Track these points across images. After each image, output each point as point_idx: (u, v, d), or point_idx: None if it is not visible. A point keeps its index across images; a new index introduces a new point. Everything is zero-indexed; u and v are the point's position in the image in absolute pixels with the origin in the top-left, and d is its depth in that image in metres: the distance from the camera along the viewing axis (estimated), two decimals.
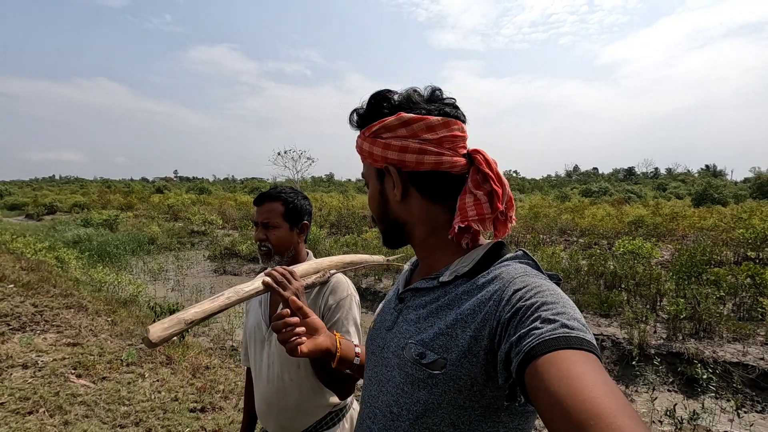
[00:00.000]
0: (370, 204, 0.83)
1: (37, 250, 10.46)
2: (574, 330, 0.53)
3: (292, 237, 1.44)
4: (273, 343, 1.38)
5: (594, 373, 0.47)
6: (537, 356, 0.51)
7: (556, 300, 0.58)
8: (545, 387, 0.48)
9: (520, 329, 0.56)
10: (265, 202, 1.43)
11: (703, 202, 26.34)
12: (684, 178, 56.97)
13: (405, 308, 0.77)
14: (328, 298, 1.35)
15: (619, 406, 0.43)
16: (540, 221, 15.89)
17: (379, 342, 0.80)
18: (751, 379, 5.68)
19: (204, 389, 3.53)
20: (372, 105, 0.78)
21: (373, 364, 0.80)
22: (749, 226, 10.86)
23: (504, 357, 0.58)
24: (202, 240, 17.29)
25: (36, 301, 5.48)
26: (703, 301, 6.80)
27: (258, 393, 1.43)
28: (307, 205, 1.50)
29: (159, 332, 0.88)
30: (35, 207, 30.66)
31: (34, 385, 3.19)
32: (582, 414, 0.43)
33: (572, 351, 0.50)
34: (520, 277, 0.65)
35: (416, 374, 0.68)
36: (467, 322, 0.65)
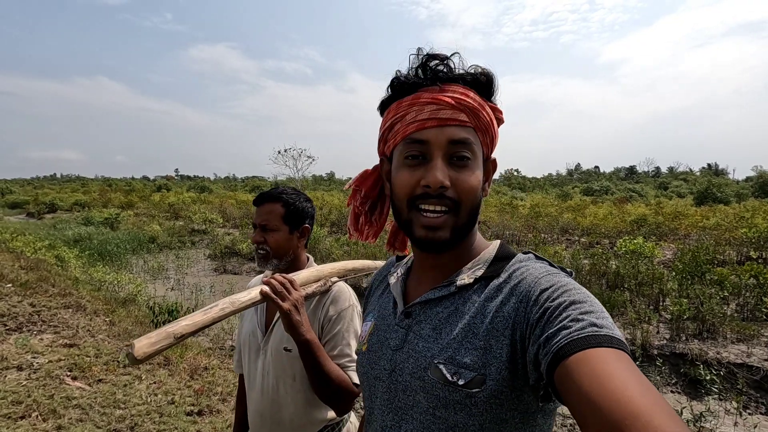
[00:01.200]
0: (472, 188, 0.67)
1: (36, 248, 10.43)
2: (604, 328, 0.51)
3: (291, 241, 1.36)
4: (269, 352, 1.32)
5: (626, 370, 0.46)
6: (567, 356, 0.50)
7: (584, 299, 0.56)
8: (577, 387, 0.46)
9: (548, 329, 0.54)
10: (265, 203, 1.36)
11: (705, 201, 26.26)
12: (686, 177, 56.81)
13: (415, 323, 0.70)
14: (329, 309, 1.28)
15: (655, 403, 0.42)
16: (541, 220, 15.83)
17: (384, 365, 0.72)
18: (755, 380, 5.62)
19: (201, 391, 3.48)
20: (491, 80, 0.70)
21: (382, 391, 0.71)
22: (752, 225, 10.80)
23: (533, 358, 0.56)
24: (202, 239, 17.27)
25: (34, 300, 5.44)
26: (707, 302, 6.74)
27: (251, 404, 1.37)
28: (310, 207, 1.42)
29: (145, 348, 0.82)
30: (36, 205, 30.69)
31: (28, 387, 3.14)
32: (616, 414, 0.42)
33: (603, 349, 0.49)
34: (545, 276, 0.62)
35: (450, 397, 0.62)
36: (499, 331, 0.61)
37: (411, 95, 0.68)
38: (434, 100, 0.66)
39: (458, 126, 0.66)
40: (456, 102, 0.66)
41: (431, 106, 0.66)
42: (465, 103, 0.66)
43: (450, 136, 0.65)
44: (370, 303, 0.88)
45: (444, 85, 0.67)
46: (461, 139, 0.66)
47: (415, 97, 0.67)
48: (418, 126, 0.66)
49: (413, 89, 0.68)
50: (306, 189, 35.87)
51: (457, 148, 0.66)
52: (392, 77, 0.70)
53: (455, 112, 0.65)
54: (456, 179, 0.65)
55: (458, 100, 0.66)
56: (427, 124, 0.66)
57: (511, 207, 18.16)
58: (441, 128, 0.66)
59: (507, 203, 19.68)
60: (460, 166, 0.66)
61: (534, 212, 16.77)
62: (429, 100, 0.66)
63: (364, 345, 0.78)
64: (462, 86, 0.67)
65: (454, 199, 0.65)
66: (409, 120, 0.67)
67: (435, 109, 0.66)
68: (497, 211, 17.26)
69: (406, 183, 0.68)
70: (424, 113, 0.66)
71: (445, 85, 0.67)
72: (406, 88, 0.69)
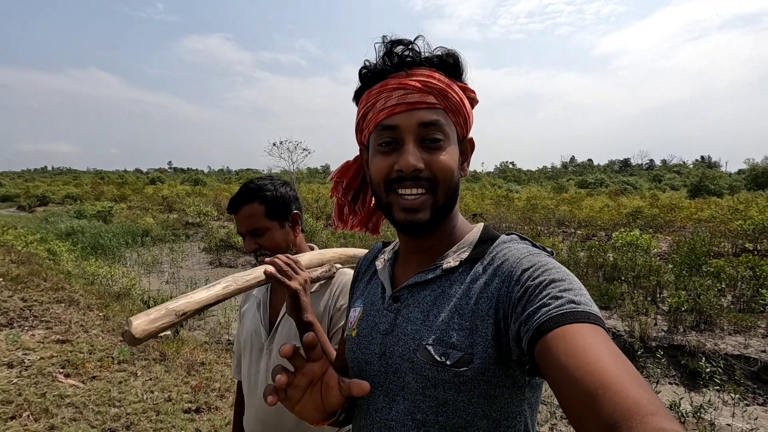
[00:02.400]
0: (448, 167, 0.67)
1: (28, 242, 10.27)
2: (581, 305, 0.53)
3: (287, 234, 1.26)
4: (274, 352, 1.23)
5: (602, 344, 0.48)
6: (546, 332, 0.51)
7: (563, 277, 0.58)
8: (554, 361, 0.48)
9: (529, 307, 0.56)
10: (241, 207, 1.23)
11: (699, 194, 26.45)
12: (679, 170, 57.23)
13: (404, 307, 0.71)
14: (338, 298, 1.21)
15: (627, 374, 0.43)
16: (538, 213, 15.84)
17: (374, 349, 0.72)
18: (753, 371, 5.65)
19: (199, 388, 3.41)
20: (458, 60, 0.71)
21: (372, 374, 0.72)
22: (747, 217, 10.85)
23: (515, 335, 0.58)
24: (197, 232, 17.11)
25: (25, 295, 5.33)
26: (704, 293, 6.75)
27: (251, 410, 1.27)
28: (289, 190, 1.30)
29: (144, 325, 0.72)
30: (27, 198, 30.29)
31: (19, 385, 3.05)
32: (590, 384, 0.43)
33: (579, 324, 0.50)
34: (526, 257, 0.64)
35: (439, 376, 0.63)
36: (484, 311, 0.63)
37: (379, 83, 0.69)
38: (401, 85, 0.66)
39: (427, 109, 0.66)
40: (423, 85, 0.66)
41: (399, 91, 0.66)
42: (432, 85, 0.67)
43: (419, 119, 0.66)
44: (357, 289, 0.87)
45: (411, 69, 0.67)
46: (431, 121, 0.66)
47: (383, 84, 0.68)
48: (388, 112, 0.67)
49: (382, 77, 0.69)
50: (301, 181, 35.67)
51: (428, 131, 0.66)
52: (360, 67, 0.71)
53: (423, 95, 0.66)
54: (430, 161, 0.66)
55: (424, 82, 0.66)
56: (396, 110, 0.66)
57: (507, 200, 18.17)
58: (410, 112, 0.66)
59: (503, 196, 19.68)
60: (433, 148, 0.67)
61: (530, 205, 16.78)
62: (396, 85, 0.67)
63: (354, 330, 0.78)
64: (428, 69, 0.68)
65: (430, 178, 0.66)
66: (379, 107, 0.68)
67: (402, 94, 0.66)
68: (493, 204, 17.25)
69: (381, 169, 0.68)
70: (392, 99, 0.66)
71: (412, 70, 0.67)
72: (375, 76, 0.70)
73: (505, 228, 15.19)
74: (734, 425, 4.62)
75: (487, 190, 31.59)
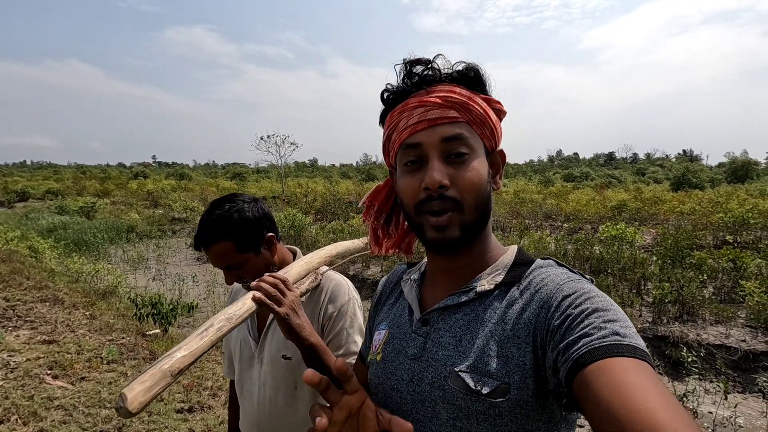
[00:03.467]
0: (473, 183, 0.65)
1: (8, 239, 10.02)
2: (626, 338, 0.50)
3: (265, 259, 1.19)
4: (265, 361, 1.22)
5: (648, 381, 0.45)
6: (587, 364, 0.49)
7: (608, 307, 0.55)
8: (596, 396, 0.45)
9: (568, 336, 0.54)
10: (210, 247, 1.14)
11: (681, 187, 26.95)
12: (662, 163, 58.31)
13: (434, 331, 0.68)
14: (327, 307, 1.18)
15: (677, 416, 0.41)
16: (525, 206, 15.99)
17: (402, 375, 0.69)
18: (733, 360, 5.83)
19: (191, 387, 3.38)
20: (479, 73, 0.70)
21: (397, 402, 0.68)
22: (727, 210, 11.11)
23: (552, 364, 0.55)
24: (183, 227, 16.90)
25: (8, 294, 5.21)
26: (687, 285, 6.92)
27: (246, 416, 1.26)
28: (258, 211, 1.18)
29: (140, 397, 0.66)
30: (6, 194, 29.47)
31: (6, 389, 2.99)
32: (637, 425, 0.41)
33: (624, 359, 0.48)
34: (567, 283, 0.61)
35: (473, 406, 0.60)
36: (521, 338, 0.60)
37: (401, 103, 0.69)
38: (421, 103, 0.66)
39: (450, 123, 0.66)
40: (443, 100, 0.66)
41: (419, 109, 0.66)
42: (452, 99, 0.66)
43: (442, 135, 0.65)
44: (381, 311, 0.84)
45: (431, 87, 0.67)
46: (454, 135, 0.65)
47: (404, 105, 0.68)
48: (410, 131, 0.67)
49: (403, 97, 0.69)
50: (289, 176, 35.37)
51: (451, 146, 0.65)
52: (382, 90, 0.72)
53: (444, 110, 0.66)
54: (455, 176, 0.65)
55: (444, 97, 0.66)
56: (418, 128, 0.66)
57: (495, 193, 18.24)
58: (432, 129, 0.66)
59: None
60: (458, 163, 0.66)
61: (518, 198, 16.93)
62: (416, 104, 0.67)
63: (379, 354, 0.76)
64: (448, 84, 0.67)
65: (456, 198, 0.65)
66: (401, 127, 0.68)
67: (423, 111, 0.66)
68: None
69: (409, 189, 0.68)
70: (413, 117, 0.66)
71: (432, 87, 0.67)
72: (397, 97, 0.70)
73: (493, 222, 15.30)
74: (716, 413, 4.77)
75: None
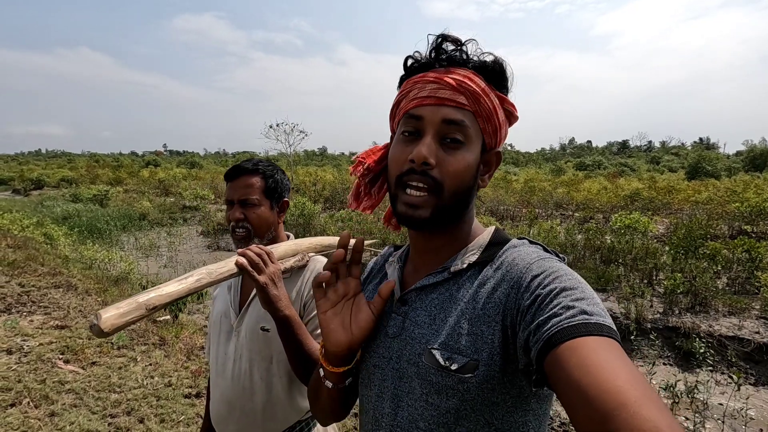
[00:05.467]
0: (461, 171, 0.66)
1: (24, 226, 10.20)
2: (594, 315, 0.51)
3: (273, 217, 1.29)
4: (242, 334, 1.22)
5: (617, 360, 0.46)
6: (557, 344, 0.50)
7: (575, 285, 0.56)
8: (566, 376, 0.46)
9: (538, 316, 0.54)
10: (241, 176, 1.26)
11: (697, 176, 26.39)
12: (677, 152, 57.04)
13: (411, 310, 0.70)
14: (311, 285, 1.20)
15: (644, 395, 0.42)
16: (535, 195, 15.81)
17: (383, 352, 0.72)
18: (746, 352, 5.73)
19: (199, 373, 3.43)
20: (503, 69, 0.70)
21: (379, 378, 0.72)
22: (744, 199, 10.85)
23: (523, 344, 0.56)
24: (194, 215, 17.05)
25: (22, 280, 5.32)
26: (700, 276, 6.80)
27: (217, 392, 1.26)
28: (287, 180, 1.35)
29: (113, 319, 0.71)
30: (22, 182, 30.04)
31: (19, 372, 3.06)
32: (606, 404, 0.42)
33: (593, 338, 0.49)
34: (536, 262, 0.62)
35: (443, 382, 0.62)
36: (491, 317, 0.62)
37: (420, 74, 0.69)
38: (436, 80, 0.66)
39: (455, 107, 0.66)
40: (457, 84, 0.66)
41: (433, 85, 0.67)
42: (466, 86, 0.66)
43: (444, 116, 0.66)
44: (367, 291, 0.86)
45: (453, 67, 0.67)
46: (455, 120, 0.66)
47: (422, 76, 0.68)
48: (417, 102, 0.67)
49: (424, 69, 0.69)
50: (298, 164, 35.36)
51: (449, 129, 0.66)
52: (407, 56, 0.72)
53: (454, 94, 0.66)
54: (443, 160, 0.65)
55: (460, 82, 0.66)
56: (425, 102, 0.67)
57: (505, 182, 18.11)
58: (438, 107, 0.66)
59: (501, 178, 19.61)
60: (450, 148, 0.66)
61: (528, 187, 16.73)
62: (432, 79, 0.67)
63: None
64: (469, 70, 0.67)
65: (437, 179, 0.65)
66: (411, 96, 0.69)
67: (435, 88, 0.66)
68: (491, 186, 17.19)
69: (397, 157, 0.68)
70: (424, 91, 0.67)
71: (453, 68, 0.67)
72: (419, 67, 0.70)
73: (503, 211, 15.18)
74: (727, 404, 4.71)
75: None
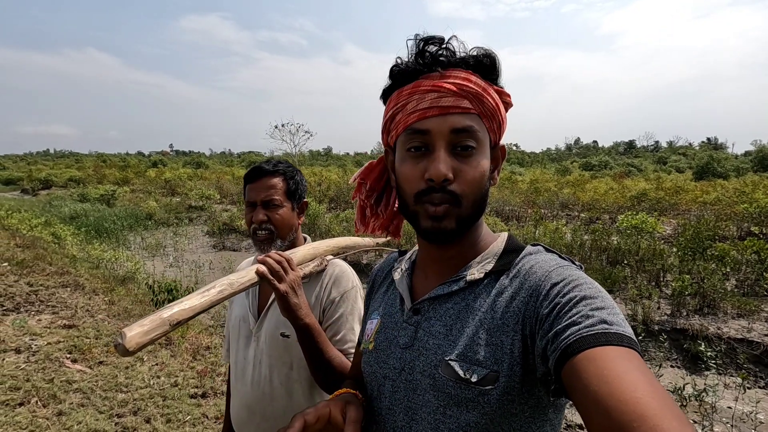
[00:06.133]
0: (475, 180, 0.64)
1: (32, 226, 10.30)
2: (614, 325, 0.50)
3: (294, 218, 1.29)
4: (262, 339, 1.22)
5: (636, 371, 0.45)
6: (575, 353, 0.49)
7: (595, 294, 0.55)
8: (584, 385, 0.46)
9: (557, 325, 0.53)
10: (263, 177, 1.25)
11: (705, 176, 26.14)
12: (685, 152, 56.52)
13: (425, 320, 0.68)
14: (331, 290, 1.20)
15: (664, 407, 0.41)
16: (541, 196, 15.73)
17: (393, 363, 0.70)
18: (755, 355, 5.67)
19: (205, 373, 3.44)
20: (494, 62, 0.66)
21: (390, 390, 0.70)
22: (753, 200, 10.72)
23: (541, 352, 0.55)
24: (200, 215, 17.12)
25: (31, 280, 5.36)
26: (708, 277, 6.73)
27: (237, 397, 1.26)
28: (305, 181, 1.36)
29: (138, 338, 0.70)
30: (30, 182, 30.33)
31: (27, 371, 3.08)
32: (625, 415, 0.41)
33: (612, 347, 0.48)
34: (555, 270, 0.61)
35: (463, 394, 0.60)
36: (510, 326, 0.60)
37: (411, 83, 0.65)
38: (435, 88, 0.63)
39: (461, 114, 0.63)
40: (458, 88, 0.63)
41: (432, 93, 0.63)
42: (468, 89, 0.63)
43: (452, 125, 0.63)
44: (373, 299, 0.85)
45: (445, 70, 0.64)
46: (464, 128, 0.63)
47: (416, 85, 0.64)
48: (420, 115, 0.63)
49: (414, 77, 0.65)
50: (303, 164, 35.44)
51: (460, 138, 0.63)
52: (392, 65, 0.68)
53: (458, 99, 0.63)
54: (459, 170, 0.63)
55: (460, 86, 0.63)
56: (429, 113, 0.63)
57: (510, 182, 18.04)
58: (443, 117, 0.63)
59: (506, 178, 19.53)
60: (464, 156, 0.64)
61: (533, 188, 16.65)
62: (429, 87, 0.63)
63: (371, 343, 0.76)
64: (464, 71, 0.64)
65: (456, 193, 0.63)
66: (410, 110, 0.64)
67: (436, 97, 0.63)
68: (497, 187, 17.13)
69: (410, 176, 0.65)
70: (425, 102, 0.63)
71: (447, 71, 0.64)
72: (407, 75, 0.66)
73: (508, 211, 15.11)
74: (735, 408, 4.66)
75: None
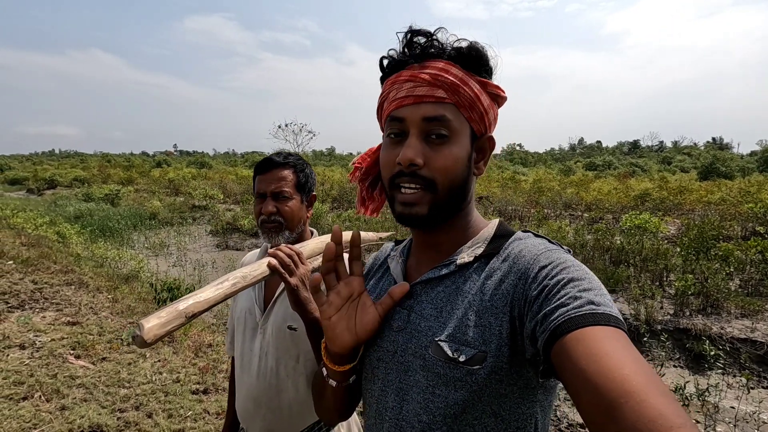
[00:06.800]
0: (451, 166, 0.66)
1: (37, 225, 10.39)
2: (602, 306, 0.51)
3: (303, 210, 1.30)
4: (269, 331, 1.23)
5: (623, 349, 0.46)
6: (564, 334, 0.50)
7: (583, 276, 0.56)
8: (573, 365, 0.47)
9: (545, 306, 0.55)
10: (273, 169, 1.26)
11: (709, 176, 25.99)
12: (690, 152, 56.19)
13: (417, 303, 0.70)
14: None
15: (650, 383, 0.42)
16: (544, 196, 15.69)
17: (387, 346, 0.71)
18: (759, 355, 5.64)
19: (207, 369, 3.46)
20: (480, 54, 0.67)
21: (383, 372, 0.71)
22: (758, 200, 10.66)
23: (530, 334, 0.56)
24: (203, 215, 17.20)
25: (36, 277, 5.41)
26: (712, 277, 6.70)
27: (243, 389, 1.27)
28: (314, 175, 1.36)
29: (156, 329, 0.73)
30: (36, 181, 30.54)
31: (31, 367, 3.11)
32: (612, 392, 0.42)
33: (600, 327, 0.49)
34: (543, 253, 0.62)
35: (451, 374, 0.62)
36: (498, 308, 0.62)
37: (395, 73, 0.69)
38: (412, 78, 0.66)
39: (435, 103, 0.65)
40: (433, 78, 0.65)
41: (409, 83, 0.66)
42: (443, 79, 0.65)
43: (424, 114, 0.65)
44: (368, 287, 0.86)
45: (427, 61, 0.66)
46: (436, 116, 0.65)
47: (397, 75, 0.68)
48: (397, 104, 0.67)
49: (401, 67, 0.68)
50: None
51: (432, 126, 0.65)
52: (381, 56, 0.71)
53: (432, 89, 0.65)
54: (430, 157, 0.65)
55: (435, 75, 0.65)
56: (404, 102, 0.66)
57: (514, 182, 18.01)
58: (417, 105, 0.65)
59: (509, 178, 19.50)
60: (436, 144, 0.66)
61: (536, 187, 16.61)
62: (407, 77, 0.66)
63: None
64: (443, 61, 0.66)
65: (428, 177, 0.65)
66: (391, 98, 0.68)
67: (412, 87, 0.65)
68: (500, 187, 17.12)
69: (386, 161, 0.69)
70: (402, 91, 0.66)
71: (428, 62, 0.66)
72: (394, 66, 0.69)
73: (512, 211, 15.09)
74: (738, 408, 4.63)
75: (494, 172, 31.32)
